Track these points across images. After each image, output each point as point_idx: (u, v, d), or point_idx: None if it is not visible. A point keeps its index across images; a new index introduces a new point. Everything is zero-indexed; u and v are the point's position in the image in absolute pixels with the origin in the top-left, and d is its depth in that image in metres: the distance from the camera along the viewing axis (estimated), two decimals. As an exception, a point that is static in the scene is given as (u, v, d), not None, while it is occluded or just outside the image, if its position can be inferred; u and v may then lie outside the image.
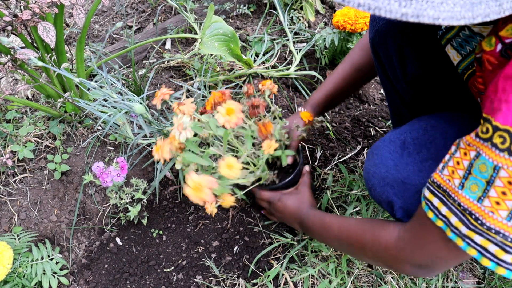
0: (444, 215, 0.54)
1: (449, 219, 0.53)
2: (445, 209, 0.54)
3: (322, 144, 1.34)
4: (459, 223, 0.52)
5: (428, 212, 0.57)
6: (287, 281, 1.07)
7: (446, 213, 0.54)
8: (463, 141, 0.52)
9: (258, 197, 1.05)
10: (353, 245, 0.79)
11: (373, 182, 0.78)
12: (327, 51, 1.52)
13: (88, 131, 1.34)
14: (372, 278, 1.06)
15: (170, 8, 1.82)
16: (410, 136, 0.75)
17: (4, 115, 1.36)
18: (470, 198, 0.50)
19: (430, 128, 0.74)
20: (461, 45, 0.65)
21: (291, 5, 1.70)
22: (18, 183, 1.24)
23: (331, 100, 1.08)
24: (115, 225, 1.21)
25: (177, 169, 1.28)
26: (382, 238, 0.70)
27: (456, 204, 0.52)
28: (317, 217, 0.92)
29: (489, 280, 1.08)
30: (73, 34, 1.79)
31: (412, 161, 0.72)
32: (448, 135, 0.72)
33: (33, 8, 0.95)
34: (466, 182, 0.50)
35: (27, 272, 1.07)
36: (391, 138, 0.78)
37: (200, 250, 1.16)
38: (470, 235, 0.51)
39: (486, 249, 0.50)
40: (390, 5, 0.34)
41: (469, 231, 0.51)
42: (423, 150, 0.72)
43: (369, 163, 0.80)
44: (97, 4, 1.11)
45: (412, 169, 0.71)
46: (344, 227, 0.82)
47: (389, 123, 1.40)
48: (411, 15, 0.34)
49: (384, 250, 0.69)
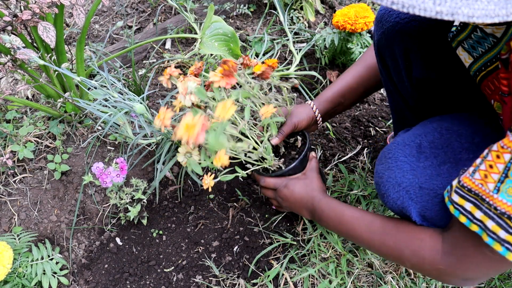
0: (479, 219, 0.53)
1: (485, 223, 0.52)
2: (480, 213, 0.52)
3: (322, 144, 1.34)
4: (497, 228, 0.50)
5: (460, 217, 0.56)
6: (287, 281, 1.07)
7: (481, 217, 0.52)
8: (498, 144, 0.50)
9: (262, 185, 1.01)
10: (389, 255, 0.75)
11: (387, 187, 0.75)
12: (327, 51, 1.52)
13: (88, 131, 1.34)
14: (372, 278, 1.06)
15: (170, 8, 1.82)
16: (426, 140, 0.73)
17: (4, 115, 1.36)
18: (507, 202, 0.48)
19: (445, 131, 0.73)
20: (473, 46, 0.64)
21: (291, 5, 1.70)
22: (18, 183, 1.24)
23: (342, 97, 1.04)
24: (115, 225, 1.21)
25: (177, 169, 1.28)
26: (424, 252, 0.66)
27: (492, 208, 0.50)
28: (332, 208, 0.87)
29: (489, 280, 1.08)
30: (73, 34, 1.79)
31: (429, 165, 0.70)
32: (462, 137, 0.71)
33: (33, 8, 0.95)
34: (502, 185, 0.49)
35: (27, 272, 1.07)
36: (405, 142, 0.75)
37: (200, 250, 1.16)
38: (509, 239, 0.49)
39: None
40: (424, 3, 0.33)
41: (508, 235, 0.49)
42: (440, 153, 0.70)
43: (382, 166, 0.77)
44: (97, 4, 1.11)
45: (430, 173, 0.69)
46: (371, 231, 0.77)
47: (389, 123, 1.40)
48: (445, 13, 0.33)
49: (429, 264, 0.66)
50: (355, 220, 0.82)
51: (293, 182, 0.96)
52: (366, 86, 1.04)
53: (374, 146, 1.34)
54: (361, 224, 0.80)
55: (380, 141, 1.35)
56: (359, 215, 0.82)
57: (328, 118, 1.08)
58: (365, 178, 1.23)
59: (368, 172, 1.26)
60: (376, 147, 1.33)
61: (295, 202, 0.96)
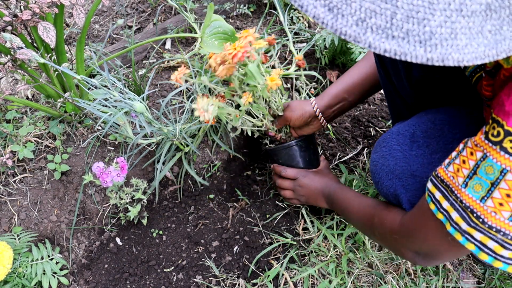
0: (445, 209, 0.56)
1: (450, 214, 0.55)
2: (447, 203, 0.55)
3: (322, 144, 1.34)
4: (460, 219, 0.53)
5: (430, 203, 0.59)
6: (287, 281, 1.07)
7: (447, 207, 0.55)
8: (471, 140, 0.53)
9: (283, 175, 1.10)
10: (366, 225, 0.83)
11: (381, 175, 0.78)
12: (327, 51, 1.52)
13: (88, 131, 1.34)
14: (372, 278, 1.06)
15: (170, 8, 1.82)
16: (419, 129, 0.75)
17: (4, 115, 1.36)
18: (473, 197, 0.51)
19: (438, 121, 0.75)
20: None
21: (291, 5, 1.70)
22: (18, 183, 1.24)
23: (346, 93, 1.04)
24: (115, 225, 1.21)
25: (177, 170, 1.28)
26: (387, 222, 0.73)
27: (459, 201, 0.53)
28: (343, 192, 0.96)
29: (489, 281, 1.08)
30: (73, 34, 1.79)
31: (421, 153, 0.73)
32: (456, 128, 0.73)
33: (33, 8, 0.95)
34: (470, 181, 0.52)
35: (27, 272, 1.07)
36: (399, 131, 0.78)
37: (200, 250, 1.16)
38: (470, 231, 0.52)
39: (485, 245, 0.52)
40: (416, 51, 0.35)
41: (469, 227, 0.52)
42: (432, 143, 0.73)
43: (377, 155, 0.80)
44: (97, 4, 1.11)
45: (421, 161, 0.72)
46: (361, 206, 0.86)
47: (389, 123, 1.40)
48: (436, 60, 0.35)
49: (389, 233, 0.73)
50: (354, 202, 0.90)
51: (313, 174, 1.07)
52: (371, 82, 1.03)
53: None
54: (355, 204, 0.90)
55: (380, 141, 1.35)
56: (359, 197, 0.91)
57: (332, 115, 1.06)
58: (365, 178, 1.23)
59: (368, 172, 1.26)
60: (376, 147, 1.33)
61: (315, 189, 1.03)
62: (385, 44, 0.35)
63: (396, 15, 0.34)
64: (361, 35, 0.35)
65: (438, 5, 0.34)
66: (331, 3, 0.35)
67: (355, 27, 0.35)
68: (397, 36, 0.35)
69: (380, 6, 0.34)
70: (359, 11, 0.34)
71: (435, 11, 0.34)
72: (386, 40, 0.35)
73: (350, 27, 0.35)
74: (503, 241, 0.50)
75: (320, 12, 0.35)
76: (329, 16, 0.35)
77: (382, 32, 0.35)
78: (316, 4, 0.35)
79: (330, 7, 0.35)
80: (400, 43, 0.35)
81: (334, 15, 0.35)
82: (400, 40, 0.35)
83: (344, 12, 0.35)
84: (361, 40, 0.35)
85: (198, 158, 1.30)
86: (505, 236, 0.49)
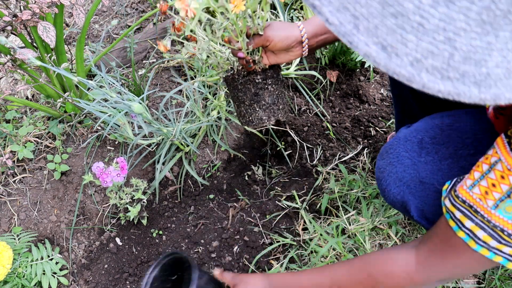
0: (468, 228, 0.56)
1: (475, 233, 0.55)
2: (471, 223, 0.55)
3: (322, 144, 1.34)
4: (488, 238, 0.54)
5: (449, 220, 0.59)
6: (287, 281, 1.06)
7: (471, 227, 0.55)
8: (502, 164, 0.52)
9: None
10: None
11: (388, 182, 0.76)
12: (327, 51, 1.51)
13: (88, 131, 1.34)
14: (372, 278, 1.06)
15: (170, 8, 1.82)
16: (427, 135, 0.74)
17: (4, 115, 1.36)
18: (504, 218, 0.52)
19: (446, 127, 0.74)
20: None
21: (291, 5, 1.69)
22: (18, 183, 1.24)
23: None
24: (115, 225, 1.21)
25: (177, 170, 1.28)
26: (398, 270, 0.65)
27: (486, 220, 0.54)
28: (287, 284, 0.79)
29: (489, 281, 1.08)
30: (73, 34, 1.78)
31: (431, 160, 0.72)
32: (463, 133, 0.72)
33: (33, 8, 0.95)
34: (502, 203, 0.52)
35: (26, 272, 1.07)
36: (406, 137, 0.76)
37: (200, 250, 1.15)
38: (499, 247, 0.54)
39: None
40: (470, 92, 0.34)
41: (499, 244, 0.53)
42: (441, 149, 0.72)
43: (384, 162, 0.78)
44: (97, 4, 1.11)
45: (430, 168, 0.71)
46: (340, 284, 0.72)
47: (389, 123, 1.39)
48: (489, 100, 0.35)
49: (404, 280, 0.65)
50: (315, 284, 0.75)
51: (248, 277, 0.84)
52: None
53: (374, 146, 1.33)
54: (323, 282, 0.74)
55: (380, 141, 1.35)
56: (315, 275, 0.75)
57: (315, 45, 0.92)
58: (365, 178, 1.23)
59: (368, 172, 1.26)
60: (376, 147, 1.33)
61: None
62: (440, 85, 0.34)
63: (454, 56, 0.33)
64: (415, 76, 0.34)
65: (496, 45, 0.33)
66: (385, 41, 0.33)
67: (410, 67, 0.34)
68: (453, 77, 0.34)
69: (438, 47, 0.33)
70: (416, 51, 0.33)
71: (492, 51, 0.33)
72: (441, 81, 0.34)
73: (405, 68, 0.34)
74: None
75: (373, 50, 0.33)
76: (382, 55, 0.34)
77: (438, 73, 0.34)
78: (368, 41, 0.33)
79: (383, 46, 0.33)
80: (455, 84, 0.34)
81: (388, 54, 0.33)
82: (455, 81, 0.34)
83: (399, 51, 0.33)
84: (415, 81, 0.34)
85: (198, 158, 1.29)
86: None
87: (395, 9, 0.33)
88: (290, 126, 1.37)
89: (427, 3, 0.32)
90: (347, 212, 1.16)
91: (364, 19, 0.34)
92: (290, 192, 1.23)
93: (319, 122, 1.40)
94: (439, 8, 0.33)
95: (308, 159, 1.30)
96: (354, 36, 0.34)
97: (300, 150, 1.32)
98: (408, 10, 0.33)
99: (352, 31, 0.34)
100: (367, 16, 0.33)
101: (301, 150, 1.32)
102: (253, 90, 0.87)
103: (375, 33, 0.33)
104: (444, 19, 0.33)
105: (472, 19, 0.33)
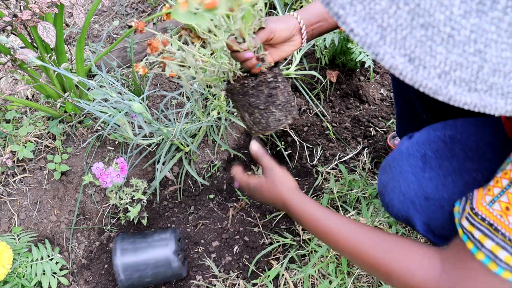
0: (488, 249, 0.53)
1: (496, 254, 0.52)
2: (491, 243, 0.52)
3: (322, 144, 1.34)
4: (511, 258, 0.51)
5: (467, 242, 0.55)
6: (287, 281, 1.06)
7: (491, 247, 0.52)
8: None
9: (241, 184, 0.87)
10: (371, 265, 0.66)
11: (391, 197, 0.74)
12: (327, 51, 1.51)
13: (88, 131, 1.34)
14: (372, 278, 1.06)
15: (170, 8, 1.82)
16: (430, 149, 0.72)
17: (4, 115, 1.36)
18: None
19: (449, 139, 0.72)
20: None
21: (291, 4, 1.69)
22: (18, 183, 1.24)
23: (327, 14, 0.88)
24: (115, 225, 1.21)
25: (177, 170, 1.28)
26: (417, 272, 0.61)
27: (507, 240, 0.51)
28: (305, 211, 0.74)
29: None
30: (73, 34, 1.78)
31: (435, 175, 0.70)
32: (467, 146, 0.70)
33: (33, 8, 0.95)
34: None
35: (26, 272, 1.07)
36: (409, 151, 0.75)
37: (200, 250, 1.15)
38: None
39: None
40: (496, 104, 0.34)
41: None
42: (445, 163, 0.70)
43: (387, 176, 0.76)
44: (97, 4, 1.11)
45: (435, 184, 0.69)
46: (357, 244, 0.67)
47: (389, 123, 1.39)
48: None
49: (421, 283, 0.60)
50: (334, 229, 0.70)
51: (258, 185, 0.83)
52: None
53: (374, 146, 1.33)
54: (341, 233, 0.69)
55: (380, 141, 1.35)
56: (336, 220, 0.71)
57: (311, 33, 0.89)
58: (365, 178, 1.23)
59: (368, 172, 1.26)
60: (376, 147, 1.33)
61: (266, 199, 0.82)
62: (467, 98, 0.34)
63: (483, 69, 0.33)
64: (442, 88, 0.33)
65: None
66: (413, 53, 0.32)
67: (437, 79, 0.33)
68: (480, 89, 0.33)
69: (467, 59, 0.32)
70: (444, 63, 0.32)
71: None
72: (468, 93, 0.34)
73: (432, 80, 0.33)
74: None
75: (399, 62, 0.33)
76: (409, 67, 0.33)
77: (465, 85, 0.33)
78: (394, 53, 0.32)
79: (411, 58, 0.33)
80: (482, 96, 0.34)
81: (415, 66, 0.33)
82: (482, 93, 0.34)
83: (427, 64, 0.32)
84: (442, 94, 0.33)
85: (198, 158, 1.29)
86: None
87: (425, 20, 0.32)
88: (290, 126, 1.37)
89: (458, 13, 0.31)
90: (347, 212, 1.16)
91: (392, 30, 0.32)
92: (290, 192, 1.23)
93: (319, 122, 1.40)
94: (471, 19, 0.31)
95: (308, 159, 1.31)
96: (380, 48, 0.33)
97: (300, 150, 1.32)
98: (439, 21, 0.31)
99: (379, 42, 0.32)
100: (395, 27, 0.32)
101: (301, 150, 1.32)
102: (266, 91, 0.80)
103: (403, 44, 0.32)
104: (476, 31, 0.32)
105: (503, 30, 0.32)
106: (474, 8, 0.31)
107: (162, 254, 1.04)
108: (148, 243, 1.06)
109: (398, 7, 0.31)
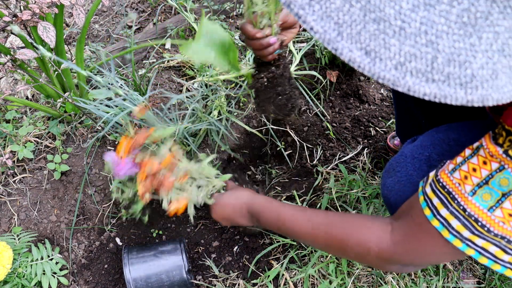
0: (443, 216, 0.54)
1: (449, 222, 0.53)
2: (446, 211, 0.53)
3: (322, 144, 1.34)
4: (462, 228, 0.52)
5: (425, 209, 0.57)
6: (287, 281, 1.06)
7: (446, 215, 0.54)
8: (484, 150, 0.51)
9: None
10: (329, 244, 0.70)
11: (396, 199, 0.74)
12: (327, 51, 1.52)
13: (88, 131, 1.34)
14: (372, 278, 1.06)
15: (170, 8, 1.82)
16: (435, 152, 0.73)
17: (4, 115, 1.36)
18: (480, 206, 0.50)
19: (453, 142, 0.73)
20: None
21: (291, 5, 1.69)
22: (17, 183, 1.24)
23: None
24: (115, 225, 1.21)
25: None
26: (370, 240, 0.64)
27: (461, 209, 0.52)
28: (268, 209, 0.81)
29: (490, 281, 1.08)
30: (73, 34, 1.78)
31: None
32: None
33: (33, 8, 0.95)
34: (480, 190, 0.51)
35: (26, 272, 1.07)
36: (413, 154, 0.75)
37: (200, 250, 1.15)
38: (472, 238, 0.51)
39: (486, 250, 0.51)
40: (456, 94, 0.35)
41: (472, 235, 0.51)
42: None
43: (392, 180, 0.76)
44: (97, 4, 1.11)
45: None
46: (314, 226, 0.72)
47: (389, 123, 1.40)
48: (476, 101, 0.35)
49: (374, 253, 0.64)
50: (295, 219, 0.76)
51: (219, 198, 0.92)
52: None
53: (374, 146, 1.34)
54: (302, 220, 0.75)
55: (380, 141, 1.35)
56: (297, 212, 0.77)
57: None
58: (365, 178, 1.23)
59: (368, 172, 1.26)
60: (376, 147, 1.33)
61: (229, 214, 0.90)
62: (425, 88, 0.35)
63: (437, 59, 0.34)
64: (400, 79, 0.34)
65: (480, 47, 0.34)
66: (368, 46, 0.34)
67: (394, 71, 0.34)
68: (437, 79, 0.34)
69: (420, 50, 0.34)
70: (399, 55, 0.34)
71: (476, 53, 0.34)
72: (426, 83, 0.34)
73: (389, 71, 0.34)
74: (506, 247, 0.50)
75: (357, 56, 0.34)
76: (366, 60, 0.34)
77: (422, 75, 0.34)
78: (351, 47, 0.34)
79: (367, 51, 0.34)
80: (440, 86, 0.34)
81: (372, 59, 0.34)
82: (440, 84, 0.34)
83: (383, 56, 0.34)
84: (400, 84, 0.34)
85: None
86: (509, 243, 0.49)
87: (376, 15, 0.33)
88: (290, 126, 1.37)
89: (407, 7, 0.33)
90: (347, 212, 1.16)
91: (347, 26, 0.34)
92: (290, 192, 1.23)
93: (319, 122, 1.40)
94: (420, 12, 0.33)
95: (308, 159, 1.31)
96: (338, 43, 0.34)
97: (300, 150, 1.32)
98: (389, 15, 0.33)
99: (337, 38, 0.34)
100: (350, 23, 0.34)
101: (301, 150, 1.32)
102: (287, 75, 0.82)
103: (358, 39, 0.34)
104: (426, 23, 0.33)
105: (453, 21, 0.33)
106: (422, 2, 0.33)
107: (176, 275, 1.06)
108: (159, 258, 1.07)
109: (351, 5, 0.33)
